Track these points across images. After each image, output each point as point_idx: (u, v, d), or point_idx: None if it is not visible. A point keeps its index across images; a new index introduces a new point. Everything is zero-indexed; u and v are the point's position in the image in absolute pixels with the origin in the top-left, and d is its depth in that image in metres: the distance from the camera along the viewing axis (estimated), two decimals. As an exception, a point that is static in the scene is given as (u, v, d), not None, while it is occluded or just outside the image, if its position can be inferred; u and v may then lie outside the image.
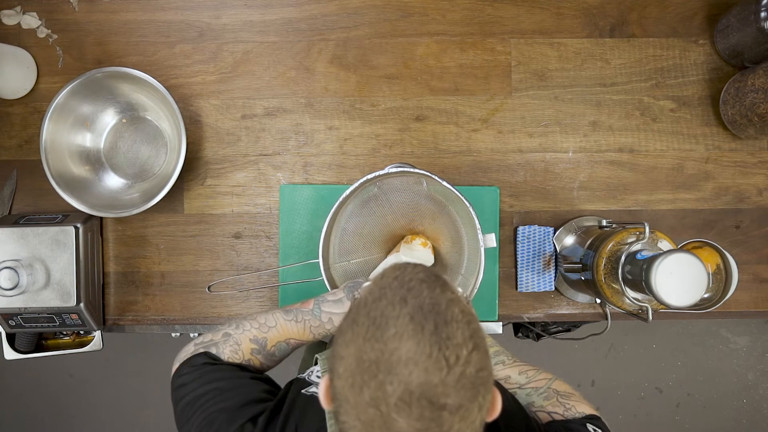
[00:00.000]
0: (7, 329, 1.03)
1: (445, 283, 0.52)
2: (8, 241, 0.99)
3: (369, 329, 0.47)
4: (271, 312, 0.80)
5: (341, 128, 1.11)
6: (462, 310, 0.49)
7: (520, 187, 1.11)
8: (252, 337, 0.76)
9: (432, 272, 0.53)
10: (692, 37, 1.12)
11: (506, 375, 0.74)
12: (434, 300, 0.49)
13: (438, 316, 0.47)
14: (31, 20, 1.11)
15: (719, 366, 2.10)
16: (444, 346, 0.46)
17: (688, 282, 0.82)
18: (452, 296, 0.50)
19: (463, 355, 0.46)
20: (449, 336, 0.46)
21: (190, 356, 0.73)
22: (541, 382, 0.73)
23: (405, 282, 0.50)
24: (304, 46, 1.12)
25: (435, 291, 0.50)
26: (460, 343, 0.46)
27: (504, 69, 1.11)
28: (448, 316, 0.48)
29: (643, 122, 1.11)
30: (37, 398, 2.11)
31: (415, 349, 0.45)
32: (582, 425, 0.67)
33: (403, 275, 0.51)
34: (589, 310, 1.11)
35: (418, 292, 0.49)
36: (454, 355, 0.46)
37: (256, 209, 1.12)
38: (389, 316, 0.47)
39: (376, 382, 0.45)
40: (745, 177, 1.11)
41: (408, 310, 0.47)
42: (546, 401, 0.72)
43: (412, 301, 0.48)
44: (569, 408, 0.71)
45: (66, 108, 1.03)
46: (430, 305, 0.48)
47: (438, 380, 0.45)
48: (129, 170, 1.12)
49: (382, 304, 0.49)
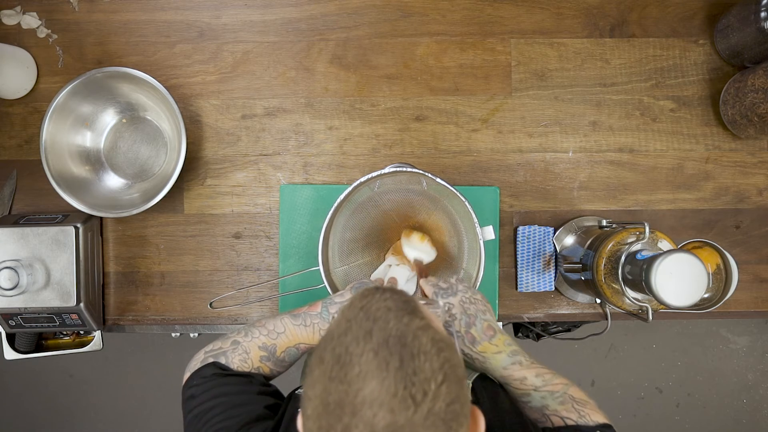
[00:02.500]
0: (7, 329, 1.03)
1: (414, 309, 0.50)
2: (8, 241, 0.99)
3: (333, 368, 0.46)
4: (279, 317, 0.79)
5: (341, 128, 1.11)
6: (432, 339, 0.47)
7: (520, 187, 1.11)
8: (261, 344, 0.76)
9: (401, 298, 0.51)
10: (692, 37, 1.12)
11: (522, 376, 0.73)
12: (400, 331, 0.47)
13: (404, 349, 0.45)
14: (31, 20, 1.11)
15: (719, 366, 2.10)
16: (410, 382, 0.44)
17: (688, 282, 0.82)
18: (421, 323, 0.48)
19: (431, 390, 0.44)
20: (416, 370, 0.45)
21: (200, 367, 0.73)
22: (558, 386, 0.72)
23: (371, 313, 0.49)
24: (304, 46, 1.12)
25: (402, 321, 0.48)
26: (428, 377, 0.45)
27: (504, 69, 1.12)
28: (415, 348, 0.46)
29: (643, 122, 1.11)
30: (37, 398, 2.11)
31: (380, 389, 0.44)
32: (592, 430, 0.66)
33: (370, 305, 0.50)
34: (589, 310, 1.11)
35: (384, 323, 0.47)
36: (421, 392, 0.44)
37: (256, 209, 1.12)
38: (353, 353, 0.46)
39: (342, 425, 0.44)
40: (745, 177, 1.11)
41: (372, 346, 0.46)
42: (561, 406, 0.71)
43: (377, 334, 0.47)
44: (584, 415, 0.70)
45: (66, 108, 1.03)
46: (396, 338, 0.46)
47: (404, 420, 0.43)
48: (129, 170, 1.12)
49: (347, 339, 0.47)
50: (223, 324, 1.13)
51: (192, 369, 0.74)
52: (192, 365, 0.75)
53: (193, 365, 0.75)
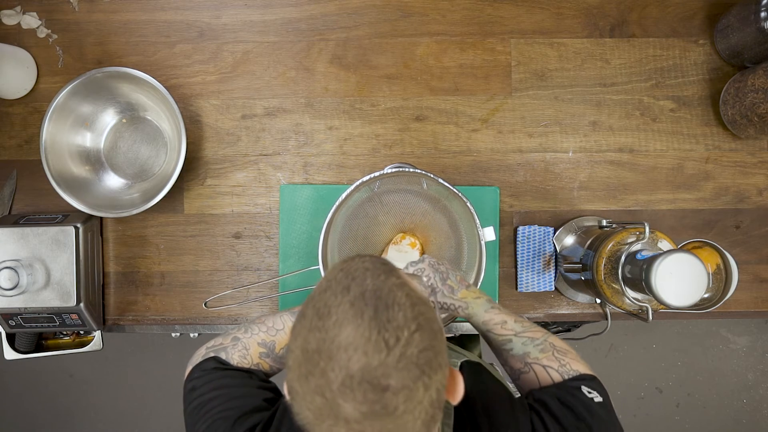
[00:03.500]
0: (7, 329, 1.03)
1: (390, 270, 0.52)
2: (8, 241, 0.99)
3: (312, 320, 0.48)
4: (279, 314, 0.80)
5: (341, 128, 1.11)
6: (407, 294, 0.50)
7: (520, 187, 1.11)
8: (260, 340, 0.77)
9: (379, 261, 0.54)
10: (692, 37, 1.12)
11: (503, 320, 0.75)
12: (376, 286, 0.49)
13: (378, 301, 0.48)
14: (31, 20, 1.11)
15: (719, 366, 2.10)
16: (383, 328, 0.46)
17: (688, 282, 0.82)
18: (397, 281, 0.51)
19: (403, 336, 0.46)
20: (389, 319, 0.47)
21: (201, 360, 0.74)
22: (538, 333, 0.74)
23: (350, 272, 0.51)
24: (304, 46, 1.12)
25: (379, 278, 0.50)
26: (401, 324, 0.47)
27: (504, 69, 1.11)
28: (389, 300, 0.48)
29: (643, 122, 1.11)
30: (37, 398, 2.11)
31: (354, 334, 0.46)
32: (576, 388, 0.67)
33: (349, 266, 0.52)
34: (589, 310, 1.11)
35: (361, 280, 0.50)
36: (394, 337, 0.46)
37: (256, 209, 1.12)
38: (331, 305, 0.48)
39: (319, 370, 0.46)
40: (745, 177, 1.11)
41: (349, 298, 0.48)
42: (542, 354, 0.72)
43: (354, 289, 0.49)
44: (564, 364, 0.71)
45: (66, 108, 1.03)
46: (372, 291, 0.49)
47: (377, 362, 0.45)
48: (129, 170, 1.12)
49: (327, 295, 0.50)
50: (223, 324, 1.13)
51: (193, 363, 0.76)
52: (194, 359, 0.77)
53: (194, 359, 0.77)
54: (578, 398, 0.65)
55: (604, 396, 0.67)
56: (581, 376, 0.70)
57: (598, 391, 0.67)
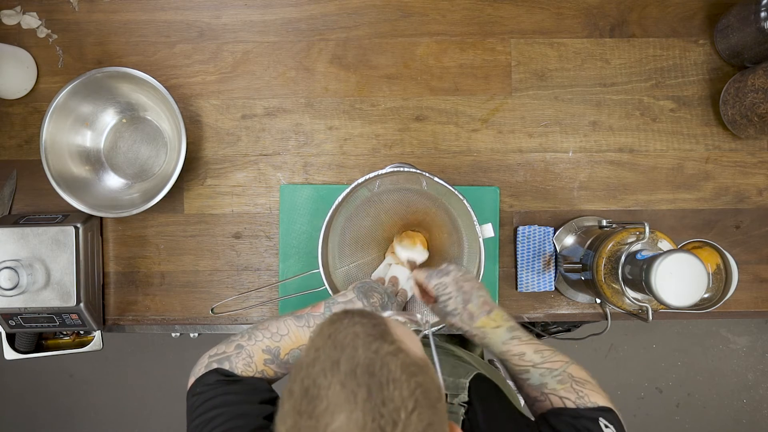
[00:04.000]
0: (7, 329, 1.03)
1: (383, 333, 0.49)
2: (8, 241, 0.99)
3: (302, 402, 0.45)
4: (282, 319, 0.79)
5: (341, 128, 1.11)
6: (402, 363, 0.46)
7: (520, 187, 1.11)
8: (264, 347, 0.75)
9: (370, 322, 0.50)
10: (692, 37, 1.12)
11: (521, 351, 0.72)
12: (369, 359, 0.46)
13: (372, 379, 0.44)
14: (31, 20, 1.11)
15: (719, 366, 2.10)
16: (378, 414, 0.43)
17: (688, 282, 0.82)
18: (391, 348, 0.47)
19: (401, 420, 0.43)
20: (385, 400, 0.44)
21: (204, 373, 0.73)
22: (557, 363, 0.71)
23: (338, 341, 0.48)
24: (304, 46, 1.12)
25: (371, 348, 0.47)
26: (398, 406, 0.44)
27: (504, 69, 1.12)
28: (383, 376, 0.45)
29: (643, 122, 1.11)
30: (37, 398, 2.11)
31: (347, 422, 0.43)
32: (593, 420, 0.64)
33: (337, 332, 0.49)
34: (589, 310, 1.11)
35: (352, 351, 0.47)
36: (391, 422, 0.43)
37: (256, 209, 1.12)
38: (321, 385, 0.45)
39: None
40: (745, 177, 1.11)
41: (339, 378, 0.45)
42: (560, 385, 0.70)
43: (344, 364, 0.46)
44: (582, 396, 0.68)
45: (66, 108, 1.03)
46: (364, 366, 0.45)
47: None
48: (129, 170, 1.12)
49: (315, 370, 0.46)
50: (223, 324, 1.13)
51: (196, 374, 0.74)
52: (196, 370, 0.75)
53: (197, 370, 0.75)
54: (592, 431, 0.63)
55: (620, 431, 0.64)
56: (599, 409, 0.67)
57: (615, 425, 0.64)
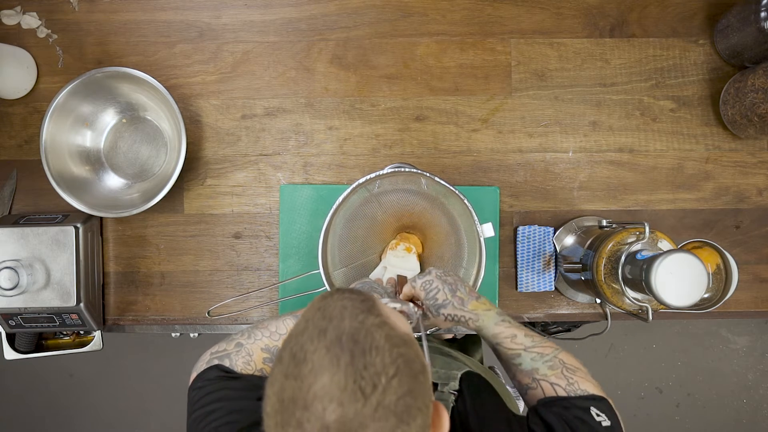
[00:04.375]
0: (7, 329, 1.03)
1: (371, 307, 0.51)
2: (8, 241, 0.99)
3: (289, 366, 0.47)
4: (281, 318, 0.80)
5: (341, 128, 1.11)
6: (386, 335, 0.48)
7: (520, 187, 1.11)
8: (263, 346, 0.76)
9: (359, 297, 0.52)
10: (692, 37, 1.12)
11: (512, 333, 0.73)
12: (354, 328, 0.48)
13: (355, 345, 0.46)
14: (31, 20, 1.11)
15: (719, 366, 2.10)
16: (360, 376, 0.45)
17: (688, 282, 0.82)
18: (376, 320, 0.49)
19: (381, 383, 0.45)
20: (366, 365, 0.45)
21: (205, 369, 0.74)
22: (548, 349, 0.72)
23: (327, 312, 0.50)
24: (304, 46, 1.12)
25: (357, 318, 0.49)
26: (378, 371, 0.45)
27: (504, 69, 1.12)
28: (367, 344, 0.47)
29: (643, 122, 1.11)
30: (37, 398, 2.11)
31: (330, 383, 0.45)
32: (584, 410, 0.65)
33: (327, 304, 0.51)
34: (589, 310, 1.11)
35: (338, 322, 0.49)
36: (371, 385, 0.45)
37: (256, 209, 1.12)
38: (307, 350, 0.47)
39: (295, 420, 0.45)
40: (745, 177, 1.11)
41: (325, 343, 0.47)
42: (550, 371, 0.70)
43: (331, 332, 0.48)
44: (573, 383, 0.69)
45: (66, 108, 1.03)
46: (349, 335, 0.47)
47: (353, 413, 0.44)
48: (129, 170, 1.12)
49: (303, 338, 0.48)
50: (223, 324, 1.13)
51: (198, 370, 0.75)
52: (198, 366, 0.76)
53: (199, 366, 0.76)
54: (585, 421, 0.63)
55: (613, 420, 0.64)
56: (591, 397, 0.67)
57: (608, 414, 0.64)
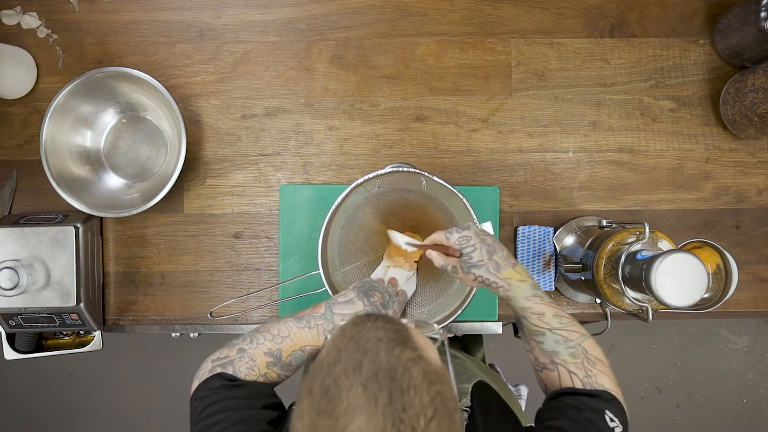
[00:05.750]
0: (7, 329, 1.03)
1: (405, 339, 0.49)
2: (8, 241, 0.99)
3: (321, 401, 0.45)
4: (283, 321, 0.79)
5: (341, 128, 1.11)
6: (423, 371, 0.47)
7: (520, 187, 1.11)
8: (266, 350, 0.76)
9: (393, 327, 0.51)
10: (692, 37, 1.12)
11: (541, 311, 0.71)
12: (391, 364, 0.46)
13: (393, 384, 0.45)
14: (31, 20, 1.11)
15: (719, 366, 2.10)
16: (398, 419, 0.43)
17: (688, 282, 0.82)
18: (413, 355, 0.48)
19: (420, 426, 0.44)
20: (405, 406, 0.44)
21: (207, 377, 0.73)
22: (573, 334, 0.70)
23: (362, 343, 0.48)
24: (304, 46, 1.12)
25: (393, 352, 0.47)
26: (417, 412, 0.44)
27: (504, 69, 1.12)
28: (405, 382, 0.45)
29: (643, 122, 1.11)
30: (37, 398, 2.11)
31: (367, 426, 0.43)
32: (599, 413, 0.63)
33: (360, 334, 0.49)
34: (589, 310, 1.11)
35: (374, 355, 0.47)
36: (410, 428, 0.43)
37: (256, 209, 1.12)
38: (342, 386, 0.45)
39: None
40: (745, 177, 1.11)
41: (361, 380, 0.45)
42: (571, 358, 0.69)
43: (367, 366, 0.46)
44: (591, 376, 0.68)
45: (66, 108, 1.03)
46: (386, 371, 0.46)
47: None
48: (129, 170, 1.12)
49: (337, 370, 0.47)
50: (223, 324, 1.13)
51: (200, 378, 0.74)
52: (200, 374, 0.75)
53: (201, 374, 0.75)
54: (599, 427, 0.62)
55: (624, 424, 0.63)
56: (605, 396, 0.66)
57: (620, 419, 0.63)
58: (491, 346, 2.00)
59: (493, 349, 2.00)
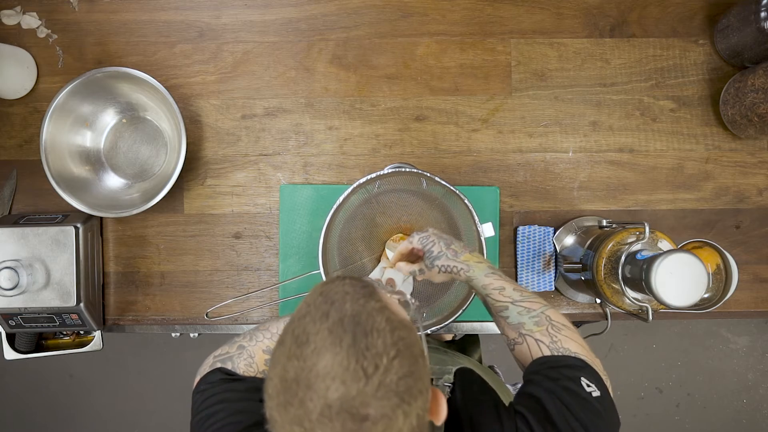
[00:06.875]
0: (7, 329, 1.03)
1: (371, 293, 0.52)
2: (8, 241, 0.99)
3: (291, 348, 0.48)
4: (282, 320, 0.80)
5: (341, 128, 1.11)
6: (387, 318, 0.49)
7: (520, 187, 1.11)
8: (265, 347, 0.77)
9: (360, 284, 0.53)
10: (692, 37, 1.12)
11: (501, 285, 0.75)
12: (355, 311, 0.49)
13: (357, 327, 0.48)
14: (31, 20, 1.11)
15: (719, 366, 2.10)
16: (362, 356, 0.46)
17: (688, 282, 0.82)
18: (377, 305, 0.50)
19: (382, 364, 0.46)
20: (368, 346, 0.46)
21: (208, 372, 0.75)
22: (535, 305, 0.73)
23: (329, 296, 0.51)
24: (304, 46, 1.12)
25: (358, 302, 0.50)
26: (380, 351, 0.47)
27: (504, 69, 1.11)
28: (368, 325, 0.48)
29: (643, 122, 1.11)
30: (37, 398, 2.11)
31: (332, 363, 0.46)
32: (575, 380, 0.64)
33: (329, 290, 0.52)
34: (589, 310, 1.11)
35: (340, 305, 0.50)
36: (373, 365, 0.46)
37: (256, 209, 1.12)
38: (310, 332, 0.48)
39: (297, 399, 0.46)
40: (745, 177, 1.11)
41: (327, 325, 0.48)
42: (536, 327, 0.71)
43: (333, 315, 0.49)
44: (556, 341, 0.69)
45: (66, 108, 1.03)
46: (351, 317, 0.48)
47: (356, 391, 0.45)
48: (129, 170, 1.12)
49: (306, 320, 0.49)
50: (223, 324, 1.13)
51: (201, 373, 0.76)
52: (201, 369, 0.77)
53: (202, 369, 0.77)
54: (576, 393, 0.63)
55: (602, 388, 0.64)
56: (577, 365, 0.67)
57: (597, 384, 0.64)
58: (491, 347, 2.00)
59: (493, 349, 2.00)
